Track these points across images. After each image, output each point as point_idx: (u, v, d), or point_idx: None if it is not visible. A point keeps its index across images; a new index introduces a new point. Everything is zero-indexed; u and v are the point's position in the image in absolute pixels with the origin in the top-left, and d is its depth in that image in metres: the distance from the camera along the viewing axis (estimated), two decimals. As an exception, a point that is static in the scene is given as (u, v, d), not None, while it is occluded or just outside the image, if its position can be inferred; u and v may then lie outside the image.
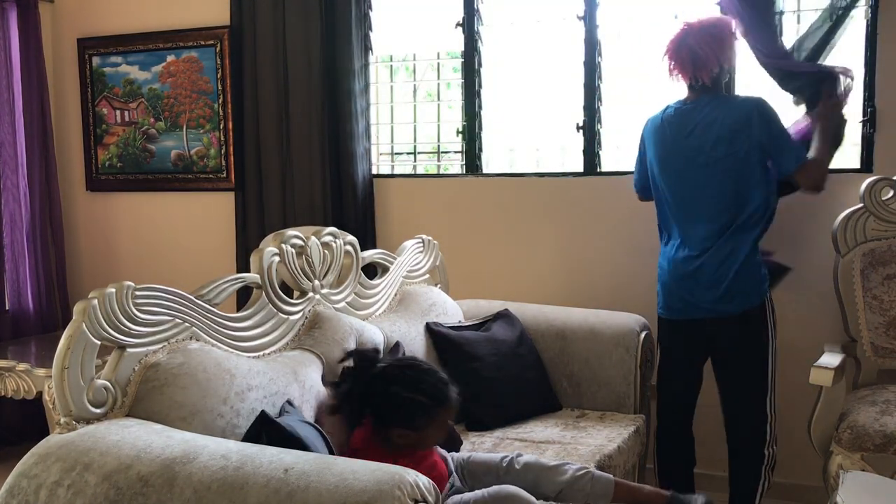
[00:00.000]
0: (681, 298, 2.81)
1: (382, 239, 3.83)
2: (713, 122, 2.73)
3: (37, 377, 3.31)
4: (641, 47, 3.48)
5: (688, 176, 2.78)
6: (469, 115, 3.74)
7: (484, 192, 3.70)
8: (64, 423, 1.79)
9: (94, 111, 4.35)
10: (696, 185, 2.76)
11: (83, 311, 1.82)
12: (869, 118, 3.13)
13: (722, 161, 2.70)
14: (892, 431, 2.45)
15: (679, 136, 2.78)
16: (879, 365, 2.93)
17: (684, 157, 2.77)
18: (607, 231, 3.52)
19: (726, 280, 2.70)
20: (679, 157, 2.79)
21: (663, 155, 2.84)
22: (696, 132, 2.75)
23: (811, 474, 2.93)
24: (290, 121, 3.82)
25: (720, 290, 2.71)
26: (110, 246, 4.40)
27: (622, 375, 2.96)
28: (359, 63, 3.76)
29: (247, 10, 3.88)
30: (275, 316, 2.36)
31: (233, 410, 1.96)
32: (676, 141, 2.79)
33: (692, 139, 2.75)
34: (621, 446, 2.62)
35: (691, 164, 2.76)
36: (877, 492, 2.16)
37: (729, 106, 2.75)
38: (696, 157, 2.75)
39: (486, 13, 3.69)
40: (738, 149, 2.69)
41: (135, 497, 1.58)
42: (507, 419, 2.82)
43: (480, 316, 3.12)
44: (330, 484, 1.51)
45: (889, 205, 2.98)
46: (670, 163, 2.82)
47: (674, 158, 2.81)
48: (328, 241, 2.59)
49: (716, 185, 2.72)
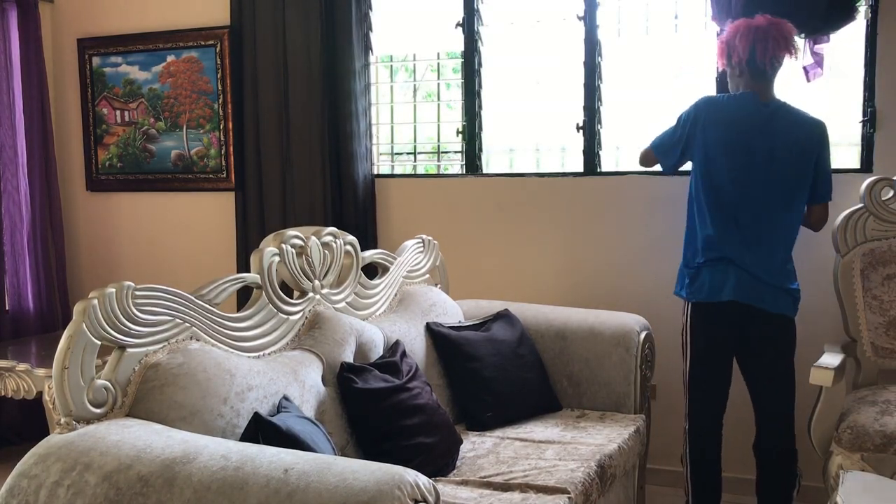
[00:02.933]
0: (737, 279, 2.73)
1: (382, 239, 3.83)
2: (794, 132, 2.72)
3: (37, 377, 3.31)
4: (641, 47, 3.49)
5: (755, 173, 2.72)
6: (469, 115, 3.74)
7: (484, 192, 3.70)
8: (64, 423, 1.79)
9: (94, 111, 4.35)
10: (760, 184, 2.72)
11: (83, 311, 1.82)
12: (869, 118, 3.14)
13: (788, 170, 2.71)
14: (892, 431, 2.45)
15: (760, 136, 2.72)
16: (879, 365, 2.93)
17: (761, 157, 2.71)
18: (607, 231, 3.52)
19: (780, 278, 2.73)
20: (754, 155, 2.72)
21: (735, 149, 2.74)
22: (779, 137, 2.71)
23: (811, 474, 2.93)
24: (290, 121, 3.82)
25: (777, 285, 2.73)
26: (110, 246, 4.40)
27: (622, 375, 2.96)
28: (359, 63, 3.76)
29: (247, 10, 3.88)
30: (275, 316, 2.36)
31: (233, 410, 1.96)
32: (757, 138, 2.72)
33: (773, 142, 2.71)
34: (621, 446, 2.62)
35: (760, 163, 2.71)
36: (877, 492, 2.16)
37: (801, 120, 2.76)
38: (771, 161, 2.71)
39: (486, 13, 3.69)
40: (806, 164, 2.72)
41: (135, 497, 1.58)
42: (507, 419, 2.82)
43: (480, 316, 3.12)
44: (330, 484, 1.51)
45: (889, 205, 2.98)
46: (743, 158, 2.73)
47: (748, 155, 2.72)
48: (328, 241, 2.59)
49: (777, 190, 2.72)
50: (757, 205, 2.72)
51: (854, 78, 3.18)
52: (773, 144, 2.71)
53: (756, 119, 2.73)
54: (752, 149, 2.72)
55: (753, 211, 2.72)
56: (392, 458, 1.87)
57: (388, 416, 2.34)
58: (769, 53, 2.70)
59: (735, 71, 2.80)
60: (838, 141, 3.28)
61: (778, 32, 2.71)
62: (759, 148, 2.71)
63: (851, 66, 3.18)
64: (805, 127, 2.74)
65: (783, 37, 2.71)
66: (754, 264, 2.72)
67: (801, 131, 2.73)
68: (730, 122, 2.75)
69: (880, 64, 3.11)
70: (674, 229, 3.35)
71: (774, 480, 2.82)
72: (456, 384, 2.88)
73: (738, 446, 3.08)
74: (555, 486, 2.22)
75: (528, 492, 2.20)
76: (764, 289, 2.72)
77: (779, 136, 2.71)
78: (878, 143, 3.14)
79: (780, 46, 2.71)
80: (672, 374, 3.16)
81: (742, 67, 2.75)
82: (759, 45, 2.70)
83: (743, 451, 2.99)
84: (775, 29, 2.71)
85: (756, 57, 2.71)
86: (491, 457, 2.49)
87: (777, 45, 2.71)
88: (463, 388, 2.86)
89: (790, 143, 2.71)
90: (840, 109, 3.22)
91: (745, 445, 2.94)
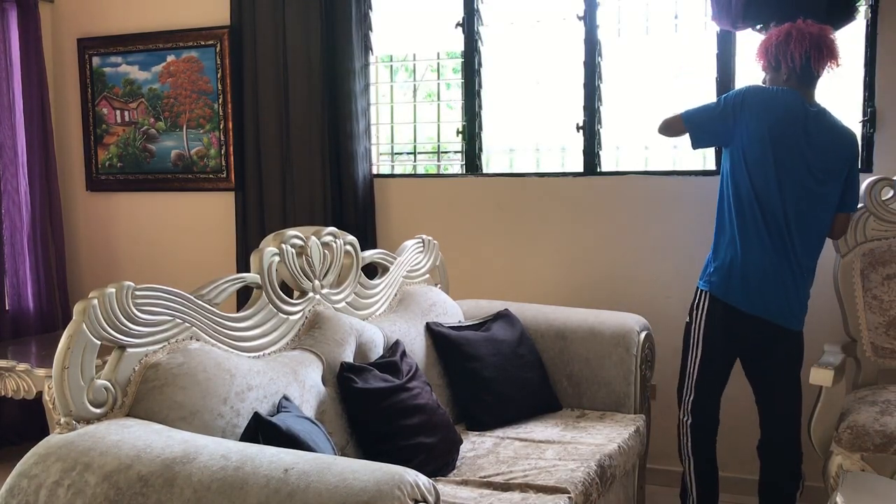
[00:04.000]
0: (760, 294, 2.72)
1: (382, 239, 3.83)
2: (834, 139, 2.72)
3: (37, 377, 3.31)
4: (641, 47, 3.49)
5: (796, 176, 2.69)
6: (469, 115, 3.74)
7: (484, 192, 3.70)
8: (64, 423, 1.79)
9: (94, 111, 4.35)
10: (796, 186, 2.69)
11: (83, 311, 1.82)
12: (869, 118, 3.14)
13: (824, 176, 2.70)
14: (892, 431, 2.45)
15: (804, 137, 2.69)
16: (879, 365, 2.93)
17: (800, 159, 2.69)
18: (607, 231, 3.52)
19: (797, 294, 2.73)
20: (795, 155, 2.69)
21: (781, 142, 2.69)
22: (818, 142, 2.70)
23: (811, 474, 2.93)
24: (290, 121, 3.82)
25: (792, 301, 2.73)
26: (110, 246, 4.40)
27: (622, 375, 2.96)
28: (359, 63, 3.76)
29: (247, 10, 3.88)
30: (275, 316, 2.36)
31: (233, 410, 1.96)
32: (800, 138, 2.69)
33: (813, 147, 2.69)
34: (621, 446, 2.62)
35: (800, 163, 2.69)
36: (877, 492, 2.16)
37: (839, 128, 2.75)
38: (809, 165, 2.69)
39: (486, 13, 3.69)
40: (839, 171, 2.72)
41: (135, 497, 1.58)
42: (507, 419, 2.82)
43: (480, 316, 3.12)
44: (330, 484, 1.51)
45: (889, 205, 2.98)
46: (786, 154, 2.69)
47: (790, 153, 2.69)
48: (328, 241, 2.59)
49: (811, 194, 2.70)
50: (790, 206, 2.69)
51: (854, 78, 3.18)
52: (813, 147, 2.69)
53: (802, 119, 2.70)
54: (792, 148, 2.68)
55: (786, 212, 2.69)
56: (392, 458, 1.87)
57: (388, 416, 2.34)
58: (824, 62, 2.70)
59: (782, 76, 2.74)
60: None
61: (830, 42, 2.71)
62: (799, 148, 2.69)
63: (851, 66, 3.18)
64: (842, 135, 2.75)
65: (835, 45, 2.72)
66: (782, 271, 2.69)
67: (839, 138, 2.73)
68: (778, 116, 2.70)
69: (880, 64, 3.11)
70: (674, 229, 3.36)
71: (779, 482, 2.82)
72: (456, 384, 2.88)
73: (738, 446, 3.08)
74: (555, 486, 2.22)
75: (528, 492, 2.20)
76: (788, 302, 2.71)
77: (819, 140, 2.70)
78: (878, 143, 3.14)
79: (834, 55, 2.72)
80: (672, 374, 3.15)
81: (793, 73, 2.72)
82: (814, 52, 2.68)
83: (744, 452, 2.99)
84: (827, 38, 2.71)
85: (811, 64, 2.69)
86: (491, 457, 2.49)
87: (831, 54, 2.71)
88: (463, 388, 2.86)
89: (828, 149, 2.70)
90: (840, 109, 3.22)
91: (746, 445, 2.94)
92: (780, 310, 2.71)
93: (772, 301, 2.71)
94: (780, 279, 2.70)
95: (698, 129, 2.80)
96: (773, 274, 2.69)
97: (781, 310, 2.71)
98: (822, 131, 2.70)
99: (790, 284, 2.70)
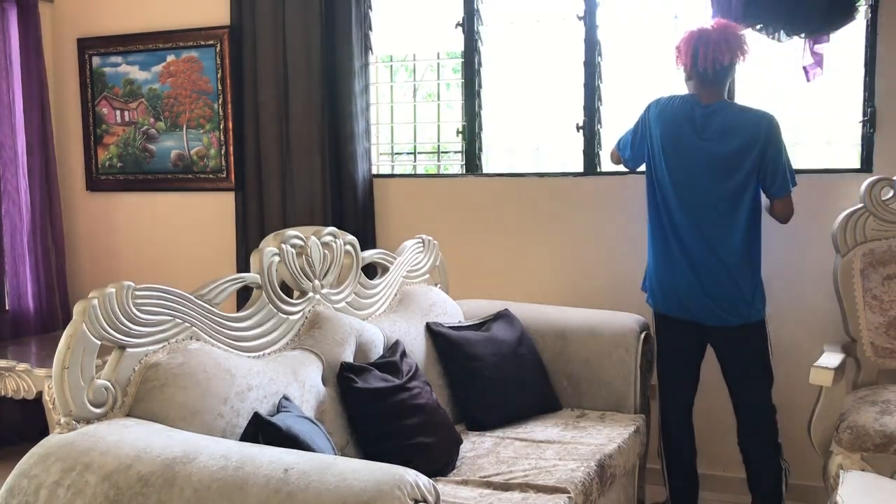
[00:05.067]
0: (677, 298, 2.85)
1: (382, 239, 3.83)
2: (729, 132, 2.74)
3: (37, 377, 3.31)
4: (641, 47, 3.48)
5: (695, 178, 2.78)
6: (469, 115, 3.74)
7: (484, 192, 3.70)
8: (64, 423, 1.79)
9: (94, 111, 4.35)
10: (701, 188, 2.77)
11: (83, 311, 1.82)
12: (869, 118, 3.13)
13: (728, 171, 2.73)
14: (892, 431, 2.45)
15: (695, 138, 2.77)
16: (879, 365, 2.93)
17: (696, 160, 2.77)
18: (607, 231, 3.52)
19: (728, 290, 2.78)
20: (690, 157, 2.78)
21: (674, 148, 2.81)
22: (713, 138, 2.75)
23: (811, 474, 2.93)
24: (290, 121, 3.82)
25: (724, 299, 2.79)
26: (110, 246, 4.40)
27: (622, 375, 2.96)
28: (359, 63, 3.76)
29: (247, 10, 3.88)
30: (275, 316, 2.36)
31: (233, 410, 1.96)
32: (691, 139, 2.77)
33: (708, 144, 2.75)
34: (621, 446, 2.62)
35: (697, 166, 2.77)
36: (877, 492, 2.16)
37: (743, 118, 2.77)
38: (707, 163, 2.75)
39: (486, 13, 3.69)
40: (747, 162, 2.73)
41: (135, 497, 1.58)
42: (507, 419, 2.82)
43: (480, 316, 3.12)
44: (330, 484, 1.51)
45: (889, 205, 2.97)
46: (680, 159, 2.80)
47: (684, 157, 2.79)
48: (328, 241, 2.59)
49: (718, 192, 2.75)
50: (698, 211, 2.76)
51: (854, 78, 3.18)
52: (707, 147, 2.74)
53: (690, 122, 2.78)
54: (686, 153, 2.77)
55: (695, 217, 2.76)
56: (392, 458, 1.86)
57: (388, 416, 2.35)
58: (710, 57, 2.73)
59: (686, 76, 2.86)
60: (838, 141, 3.28)
61: (720, 36, 2.73)
62: (694, 150, 2.76)
63: (851, 66, 3.18)
64: (745, 125, 2.75)
65: (725, 40, 2.73)
66: (701, 277, 2.77)
67: (739, 130, 2.74)
68: (668, 125, 2.83)
69: (880, 64, 3.10)
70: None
71: (761, 475, 2.85)
72: (456, 384, 2.88)
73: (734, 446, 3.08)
74: (555, 486, 2.22)
75: (528, 491, 2.20)
76: (709, 304, 2.78)
77: (712, 138, 2.75)
78: (878, 143, 3.14)
79: (721, 50, 2.73)
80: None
81: (688, 72, 2.82)
82: (700, 49, 2.74)
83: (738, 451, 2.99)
84: (718, 33, 2.74)
85: (697, 62, 2.75)
86: (491, 456, 2.49)
87: (718, 49, 2.73)
88: (463, 387, 2.86)
89: (724, 144, 2.74)
90: (840, 109, 3.22)
91: (740, 445, 2.96)
92: (706, 312, 2.80)
93: (696, 305, 2.80)
94: (695, 285, 2.78)
95: (625, 151, 3.02)
96: (684, 281, 2.80)
97: (707, 312, 2.79)
98: (716, 126, 2.75)
99: (711, 287, 2.76)
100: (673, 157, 2.81)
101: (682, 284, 2.82)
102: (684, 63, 2.81)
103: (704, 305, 2.80)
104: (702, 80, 2.79)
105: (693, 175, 2.77)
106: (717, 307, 2.79)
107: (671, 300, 2.87)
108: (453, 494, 2.18)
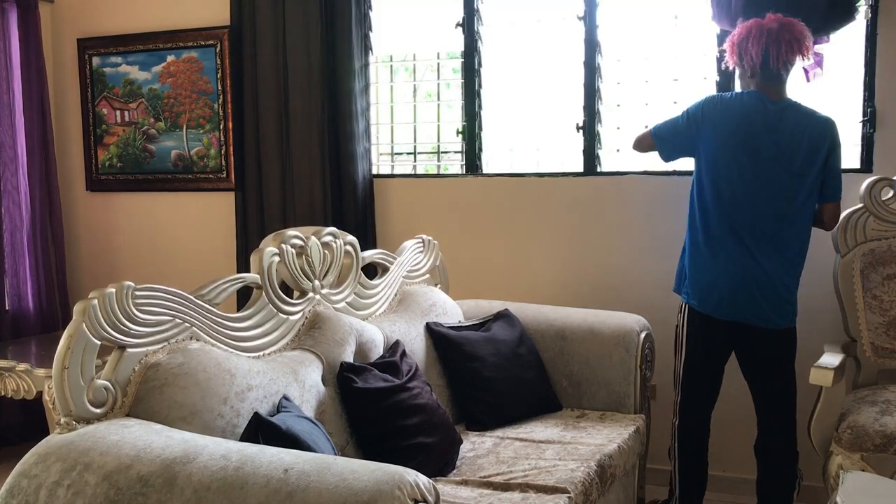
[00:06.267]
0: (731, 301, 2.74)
1: (382, 239, 3.83)
2: (800, 129, 2.69)
3: (37, 377, 3.31)
4: (641, 47, 3.49)
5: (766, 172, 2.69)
6: (469, 115, 3.74)
7: (484, 192, 3.70)
8: (64, 423, 1.79)
9: (94, 111, 4.35)
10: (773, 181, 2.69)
11: (83, 311, 1.82)
12: (869, 118, 3.14)
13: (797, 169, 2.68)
14: (892, 431, 2.45)
15: (768, 132, 2.69)
16: (879, 365, 2.93)
17: (767, 154, 2.69)
18: (607, 231, 3.52)
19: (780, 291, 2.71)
20: (761, 152, 2.69)
21: (743, 142, 2.71)
22: (786, 132, 2.68)
23: (811, 474, 2.93)
24: (290, 121, 3.82)
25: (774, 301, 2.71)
26: (110, 246, 4.40)
27: (622, 375, 2.96)
28: (359, 63, 3.76)
29: (247, 10, 3.88)
30: (275, 316, 2.36)
31: (233, 410, 1.96)
32: (763, 135, 2.69)
33: (781, 138, 2.68)
34: (621, 446, 2.62)
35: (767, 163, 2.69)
36: (877, 492, 2.15)
37: (811, 118, 2.72)
38: (778, 158, 2.68)
39: (486, 13, 3.69)
40: (814, 162, 2.68)
41: (135, 497, 1.58)
42: (507, 419, 2.82)
43: (480, 316, 3.12)
44: (330, 484, 1.51)
45: (889, 205, 2.98)
46: (749, 154, 2.70)
47: (754, 151, 2.70)
48: (328, 241, 2.59)
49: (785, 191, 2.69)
50: (761, 208, 2.69)
51: (854, 78, 3.18)
52: (781, 143, 2.68)
53: (763, 118, 2.70)
54: (758, 149, 2.69)
55: (756, 215, 2.69)
56: (392, 458, 1.87)
57: (388, 416, 2.35)
58: (783, 58, 2.68)
59: (747, 73, 2.77)
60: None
61: (790, 35, 2.68)
62: (765, 148, 2.69)
63: (851, 66, 3.18)
64: (814, 125, 2.71)
65: (796, 39, 2.69)
66: (752, 274, 2.69)
67: (810, 129, 2.69)
68: (737, 121, 2.72)
69: (880, 64, 3.11)
70: (674, 229, 3.35)
71: (775, 481, 2.82)
72: (456, 384, 2.88)
73: (738, 446, 3.08)
74: (555, 486, 2.22)
75: (528, 491, 2.20)
76: (761, 304, 2.70)
77: (786, 135, 2.68)
78: (878, 143, 3.14)
79: (794, 50, 2.68)
80: (672, 373, 3.15)
81: (755, 70, 2.73)
82: (772, 49, 2.67)
83: (743, 451, 2.99)
84: (787, 32, 2.68)
85: (769, 61, 2.68)
86: (491, 457, 2.49)
87: (790, 49, 2.68)
88: (463, 388, 2.86)
89: (798, 142, 2.68)
90: (840, 109, 3.22)
91: (745, 445, 2.94)
92: (754, 313, 2.72)
93: (744, 305, 2.72)
94: (750, 283, 2.70)
95: (666, 143, 2.87)
96: (740, 279, 2.71)
97: (756, 312, 2.72)
98: (790, 124, 2.69)
99: (765, 286, 2.69)
100: (741, 152, 2.70)
101: (734, 282, 2.71)
102: (752, 61, 2.71)
103: (755, 303, 2.70)
104: (769, 77, 2.71)
105: (767, 173, 2.69)
106: (769, 308, 2.70)
107: (715, 299, 2.75)
108: (453, 494, 2.18)
